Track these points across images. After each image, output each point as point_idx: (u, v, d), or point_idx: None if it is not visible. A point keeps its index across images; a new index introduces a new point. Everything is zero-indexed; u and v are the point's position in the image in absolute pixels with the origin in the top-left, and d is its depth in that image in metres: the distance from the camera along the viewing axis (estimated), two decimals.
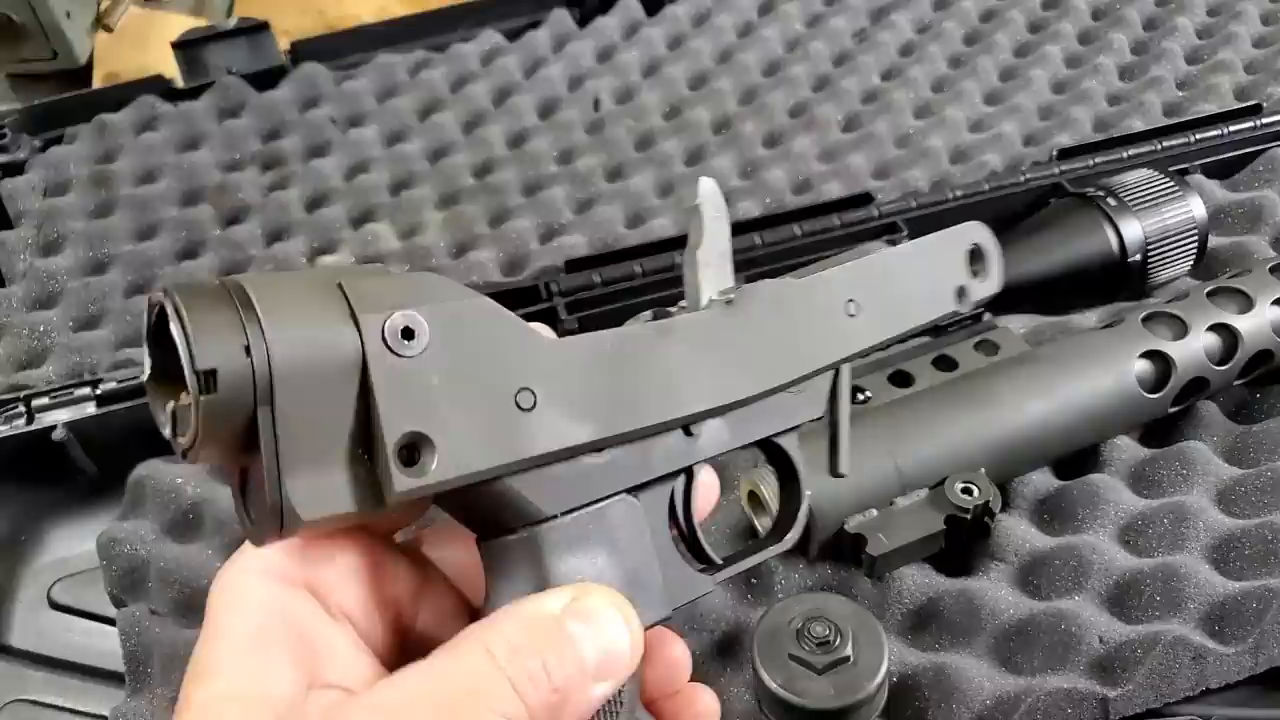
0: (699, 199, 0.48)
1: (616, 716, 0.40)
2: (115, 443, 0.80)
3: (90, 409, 0.82)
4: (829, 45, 1.18)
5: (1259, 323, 0.74)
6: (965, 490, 0.67)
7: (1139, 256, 0.83)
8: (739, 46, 1.19)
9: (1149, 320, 0.74)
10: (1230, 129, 0.98)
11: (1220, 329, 0.73)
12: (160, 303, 0.33)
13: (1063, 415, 0.71)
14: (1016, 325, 0.82)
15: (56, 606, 0.78)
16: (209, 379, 0.32)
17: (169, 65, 1.18)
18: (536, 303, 0.88)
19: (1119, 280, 0.84)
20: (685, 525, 0.47)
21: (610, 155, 1.07)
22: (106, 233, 1.01)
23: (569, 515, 0.41)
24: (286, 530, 0.34)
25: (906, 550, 0.66)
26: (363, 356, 0.35)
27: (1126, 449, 0.74)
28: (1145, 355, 0.72)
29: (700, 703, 0.47)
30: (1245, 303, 0.74)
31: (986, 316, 0.80)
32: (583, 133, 1.10)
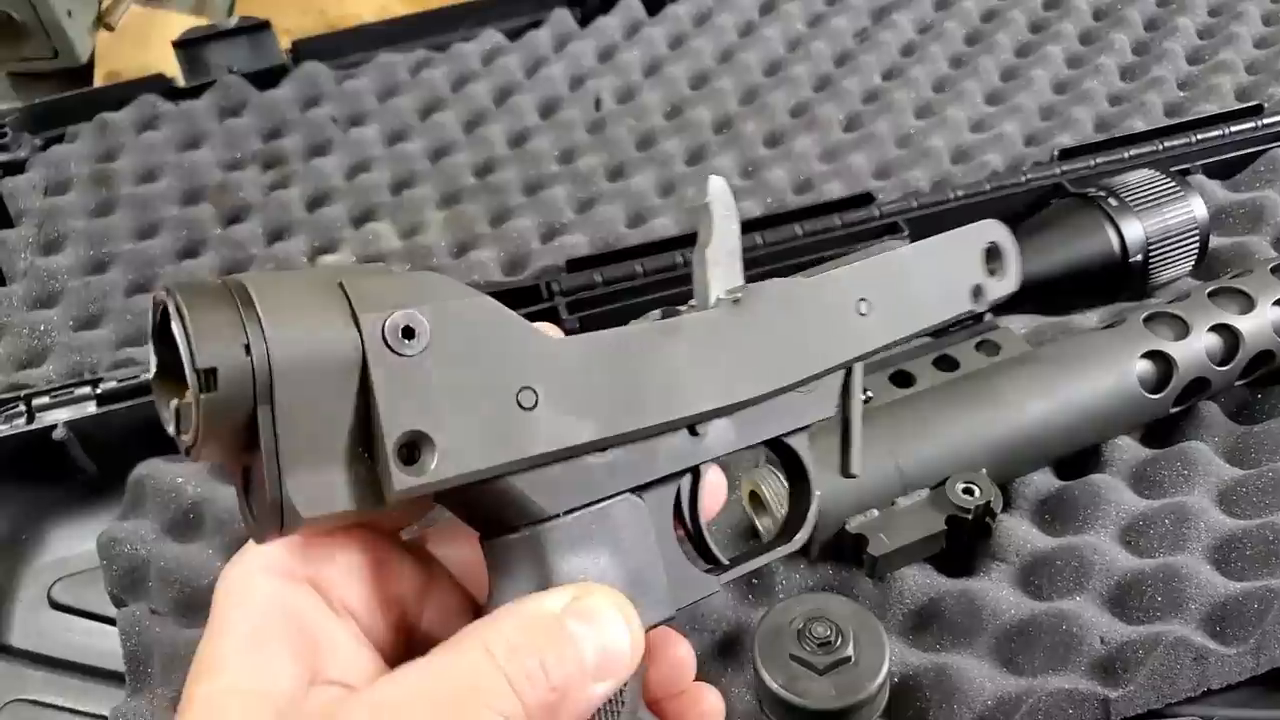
0: (709, 197, 0.47)
1: (618, 716, 0.40)
2: (115, 442, 0.80)
3: (90, 408, 0.82)
4: (830, 45, 1.18)
5: (1260, 323, 0.74)
6: (966, 490, 0.67)
7: (1140, 257, 0.83)
8: (740, 46, 1.19)
9: (1150, 320, 0.74)
10: (1231, 129, 0.98)
11: (1222, 329, 0.73)
12: (163, 302, 0.34)
13: (1064, 415, 0.71)
14: (1018, 325, 0.82)
15: (57, 606, 0.78)
16: (209, 377, 0.32)
17: (170, 64, 1.18)
18: (537, 302, 0.88)
19: (1120, 280, 0.84)
20: (692, 525, 0.46)
21: (611, 155, 1.07)
22: (107, 232, 1.01)
23: (571, 514, 0.40)
24: (287, 528, 0.35)
25: (908, 550, 0.66)
26: (363, 355, 0.35)
27: (1128, 449, 0.74)
28: (1147, 355, 0.72)
29: (705, 702, 0.47)
30: (1246, 303, 0.74)
31: (988, 317, 0.79)
32: (584, 132, 1.10)
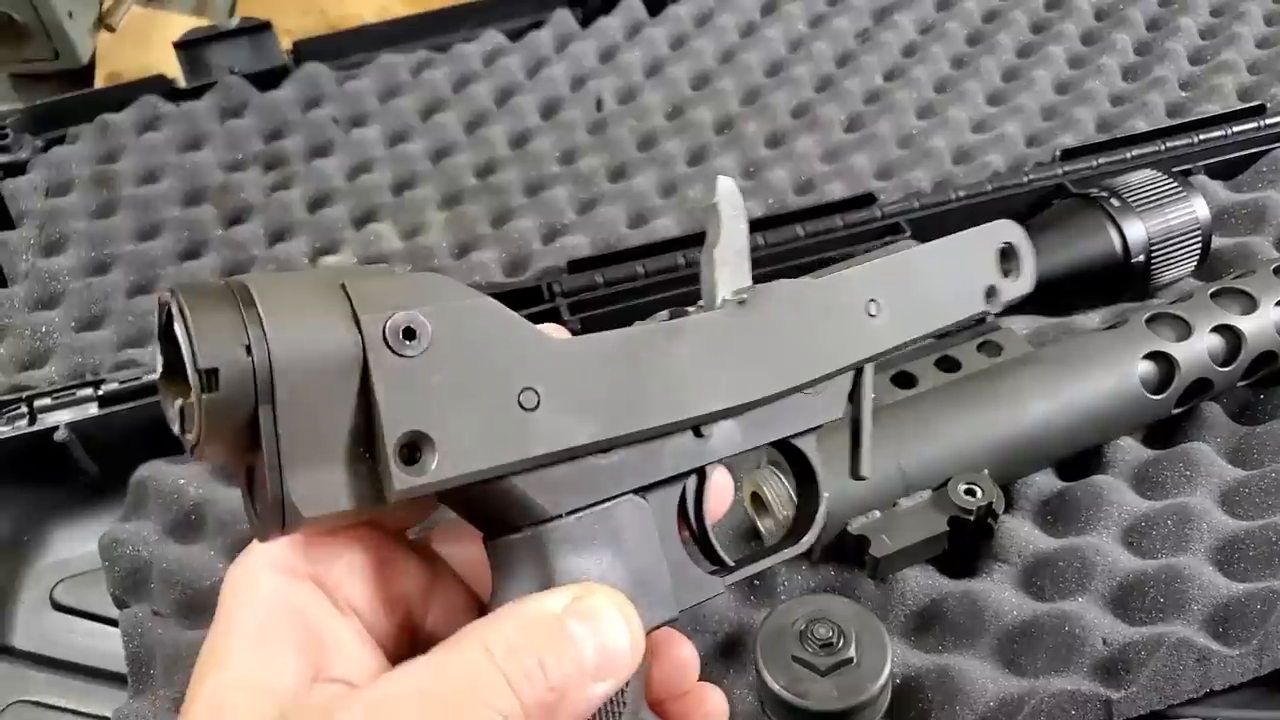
0: (717, 197, 0.47)
1: (620, 717, 0.40)
2: (117, 443, 0.81)
3: (92, 410, 0.82)
4: (832, 45, 1.18)
5: (1263, 324, 0.74)
6: (968, 491, 0.67)
7: (1142, 257, 0.83)
8: (741, 46, 1.19)
9: (1152, 321, 0.74)
10: (1234, 129, 0.98)
11: (1224, 330, 0.73)
12: (168, 302, 0.34)
13: (1066, 416, 0.71)
14: (1019, 326, 0.82)
15: (59, 607, 0.78)
16: (211, 377, 0.33)
17: (171, 65, 1.18)
18: (539, 303, 0.88)
19: (1122, 281, 0.84)
20: (697, 526, 0.46)
21: (613, 155, 1.07)
22: (109, 233, 1.01)
23: (574, 515, 0.41)
24: (289, 527, 0.35)
25: (910, 552, 0.66)
26: (364, 356, 0.35)
27: (1130, 450, 0.74)
28: (1149, 356, 0.72)
29: (709, 703, 0.47)
30: (1249, 304, 0.74)
31: (989, 317, 0.79)
32: (585, 133, 1.10)
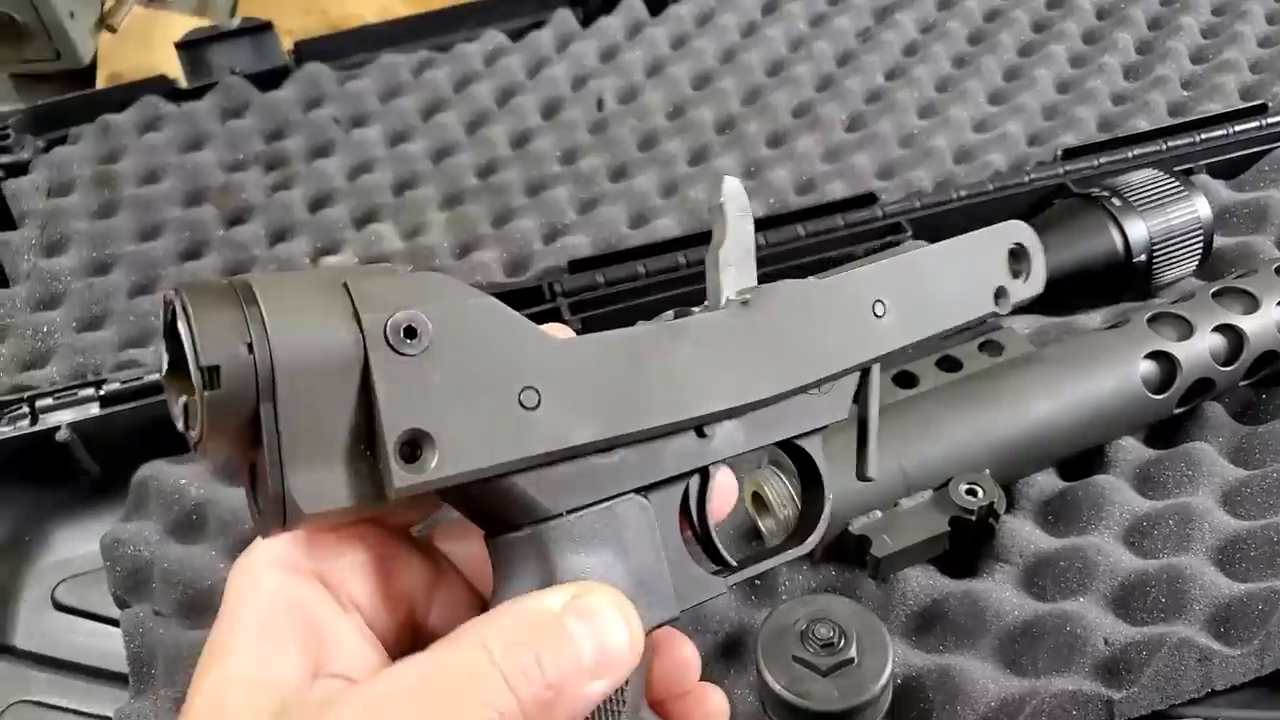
0: (723, 197, 0.48)
1: (619, 715, 0.41)
2: (119, 443, 0.81)
3: (94, 410, 0.82)
4: (833, 45, 1.18)
5: (1265, 323, 0.74)
6: (970, 491, 0.67)
7: (1144, 257, 0.83)
8: (742, 46, 1.19)
9: (1154, 321, 0.74)
10: (1235, 129, 0.97)
11: (1226, 329, 0.73)
12: (172, 301, 0.34)
13: (1067, 416, 0.71)
14: (1021, 326, 0.82)
15: (60, 607, 0.78)
16: (212, 374, 0.33)
17: (172, 65, 1.18)
18: (540, 303, 0.88)
19: (1124, 280, 0.84)
20: (700, 526, 0.46)
21: (614, 155, 1.07)
22: (110, 233, 1.01)
23: (575, 514, 0.41)
24: (290, 523, 0.35)
25: (911, 552, 0.66)
26: (364, 355, 0.35)
27: (1131, 450, 0.74)
28: (1150, 356, 0.72)
29: (710, 703, 0.47)
30: (1251, 303, 0.74)
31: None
32: (586, 133, 1.10)
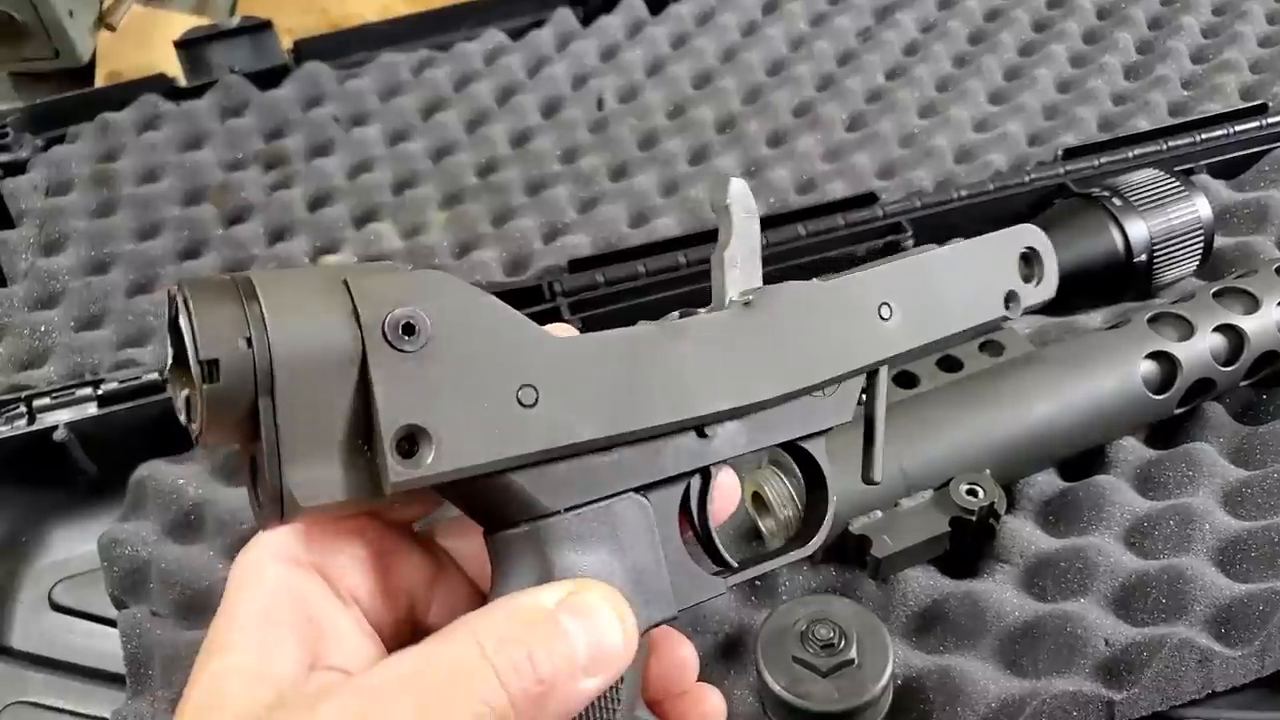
0: (729, 199, 0.47)
1: (615, 714, 0.41)
2: (116, 443, 0.81)
3: (91, 409, 0.82)
4: (833, 44, 1.18)
5: (1265, 323, 0.73)
6: (970, 492, 0.67)
7: (1144, 257, 0.82)
8: (743, 45, 1.19)
9: (1155, 321, 0.74)
10: (1236, 129, 0.97)
11: (1226, 330, 0.73)
12: (175, 296, 0.35)
13: (1068, 416, 0.70)
14: (1021, 326, 0.82)
15: (57, 608, 0.78)
16: (212, 368, 0.34)
17: (171, 64, 1.18)
18: (540, 303, 0.88)
19: (1124, 281, 0.84)
20: (700, 527, 0.46)
21: (614, 154, 1.07)
22: (108, 232, 1.01)
23: (573, 511, 0.41)
24: (288, 516, 0.36)
25: (911, 552, 0.66)
26: (363, 351, 0.36)
27: (1132, 450, 0.74)
28: (1151, 356, 0.72)
29: (707, 703, 0.47)
30: (1251, 303, 0.74)
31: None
32: (586, 132, 1.10)
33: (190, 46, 1.17)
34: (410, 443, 0.37)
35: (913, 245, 0.91)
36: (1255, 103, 1.00)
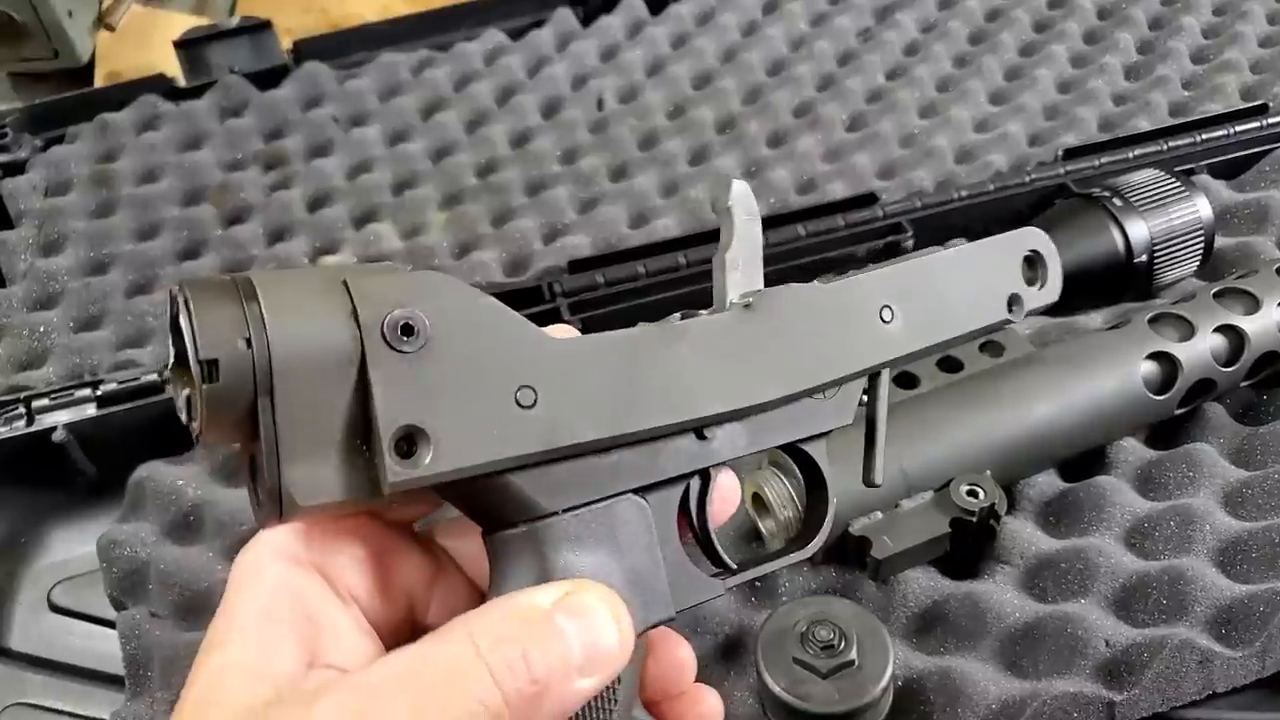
0: (731, 201, 0.48)
1: (610, 714, 0.41)
2: (116, 444, 0.80)
3: (90, 410, 0.82)
4: (833, 44, 1.18)
5: (1266, 324, 0.73)
6: (970, 492, 0.66)
7: (1145, 257, 0.82)
8: (743, 46, 1.19)
9: (1155, 321, 0.74)
10: (1236, 129, 0.97)
11: (1227, 330, 0.73)
12: (176, 296, 0.35)
13: (1068, 417, 0.70)
14: (1022, 326, 0.81)
15: (56, 609, 0.78)
16: (211, 368, 0.34)
17: (171, 64, 1.18)
18: (539, 303, 0.87)
19: (1125, 281, 0.83)
20: (700, 529, 0.46)
21: (614, 155, 1.07)
22: (108, 232, 1.01)
23: (571, 512, 0.41)
24: (286, 515, 0.36)
25: (911, 553, 0.66)
26: (361, 351, 0.36)
27: (1133, 451, 0.74)
28: (1151, 356, 0.72)
29: (704, 704, 0.47)
30: (1252, 304, 0.74)
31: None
32: (586, 132, 1.10)
33: (190, 47, 1.17)
34: (409, 443, 0.37)
35: (913, 246, 0.91)
36: (1256, 103, 1.00)
